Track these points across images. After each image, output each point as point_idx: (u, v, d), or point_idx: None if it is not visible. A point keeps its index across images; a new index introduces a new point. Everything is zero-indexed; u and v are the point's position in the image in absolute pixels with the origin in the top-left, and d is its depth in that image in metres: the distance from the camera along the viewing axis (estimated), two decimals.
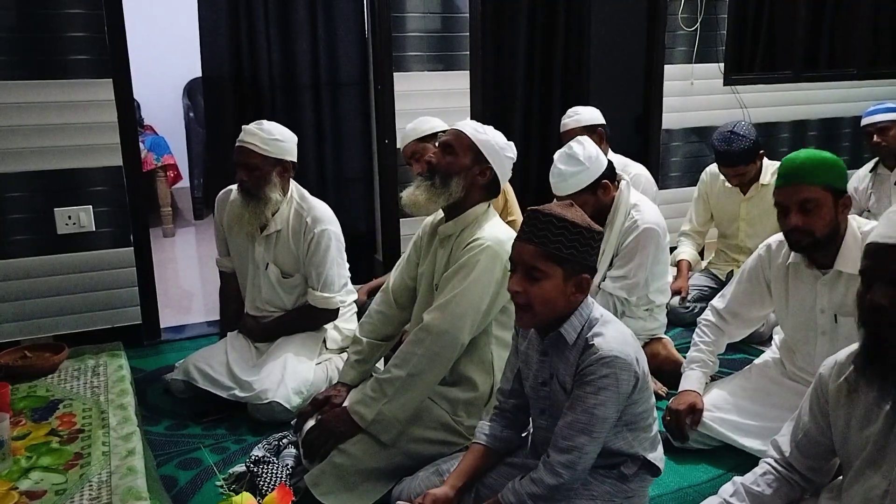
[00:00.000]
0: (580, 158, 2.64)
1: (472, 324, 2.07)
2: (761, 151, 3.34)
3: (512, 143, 2.24)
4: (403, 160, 3.22)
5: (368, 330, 2.37)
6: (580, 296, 1.70)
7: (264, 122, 2.70)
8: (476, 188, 2.17)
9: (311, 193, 2.87)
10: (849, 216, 2.15)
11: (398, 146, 3.48)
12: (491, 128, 2.22)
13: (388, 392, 2.05)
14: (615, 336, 1.68)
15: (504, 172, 2.21)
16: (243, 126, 2.69)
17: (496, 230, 2.14)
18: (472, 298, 2.04)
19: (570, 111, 3.52)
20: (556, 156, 2.72)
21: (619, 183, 2.80)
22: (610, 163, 2.75)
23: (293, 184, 2.80)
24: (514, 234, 2.16)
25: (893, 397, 1.43)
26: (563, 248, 1.65)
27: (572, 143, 2.72)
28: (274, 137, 2.65)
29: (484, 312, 2.09)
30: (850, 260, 2.09)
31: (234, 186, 2.78)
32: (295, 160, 2.75)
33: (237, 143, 2.66)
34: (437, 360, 2.06)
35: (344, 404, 2.17)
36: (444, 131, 3.05)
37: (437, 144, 2.32)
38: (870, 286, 1.38)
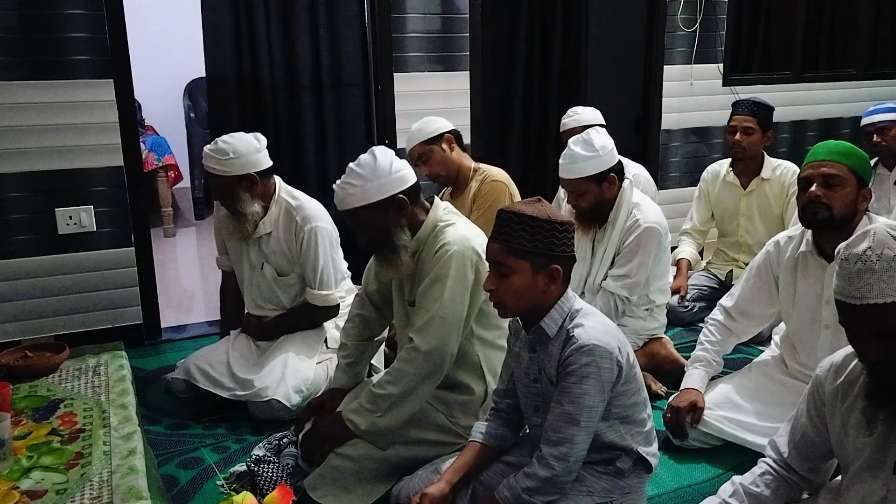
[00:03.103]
0: (595, 145, 2.67)
1: (457, 333, 2.06)
2: (770, 132, 3.44)
3: (384, 149, 2.11)
4: (410, 161, 3.21)
5: (352, 333, 2.37)
6: (554, 286, 1.73)
7: (219, 140, 2.66)
8: (405, 218, 2.09)
9: (314, 195, 2.87)
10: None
11: (399, 146, 3.48)
12: (377, 168, 2.04)
13: (382, 407, 2.05)
14: (595, 326, 1.72)
15: (402, 183, 2.08)
16: (204, 148, 2.69)
17: (458, 230, 2.11)
18: (453, 310, 2.03)
19: (571, 111, 3.53)
20: (571, 140, 2.74)
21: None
22: (620, 161, 2.77)
23: (281, 184, 2.80)
24: (480, 230, 2.18)
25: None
26: (526, 242, 1.68)
27: (590, 131, 2.76)
28: (228, 157, 2.61)
29: (465, 318, 2.08)
30: None
31: None
32: (261, 168, 2.67)
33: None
34: (429, 377, 2.06)
35: (339, 409, 2.17)
36: (441, 133, 3.05)
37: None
38: (861, 341, 1.38)
